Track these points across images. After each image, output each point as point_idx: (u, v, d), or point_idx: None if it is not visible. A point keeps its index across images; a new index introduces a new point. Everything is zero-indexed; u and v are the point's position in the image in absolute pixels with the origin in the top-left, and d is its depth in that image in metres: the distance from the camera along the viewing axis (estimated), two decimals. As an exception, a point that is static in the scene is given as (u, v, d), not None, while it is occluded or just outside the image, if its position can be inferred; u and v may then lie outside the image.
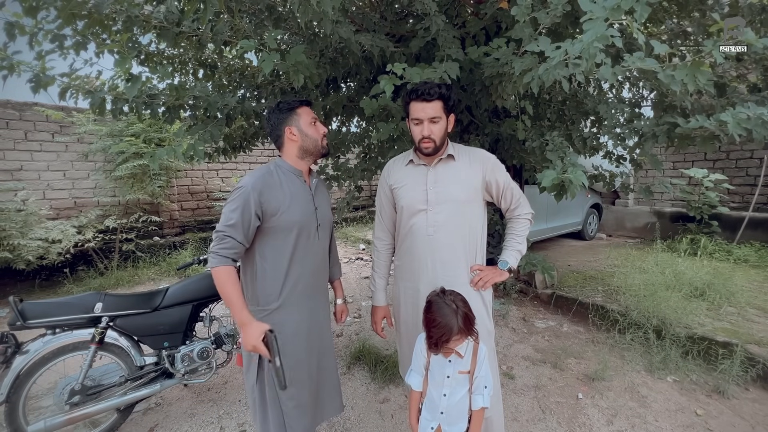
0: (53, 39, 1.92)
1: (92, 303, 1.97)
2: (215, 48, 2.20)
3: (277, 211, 1.37)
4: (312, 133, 1.47)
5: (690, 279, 3.48)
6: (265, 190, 1.36)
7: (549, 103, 2.85)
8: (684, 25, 2.40)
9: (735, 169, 5.56)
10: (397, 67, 1.75)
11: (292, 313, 1.43)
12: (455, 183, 1.48)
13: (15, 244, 4.09)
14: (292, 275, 1.42)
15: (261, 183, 1.36)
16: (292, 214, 1.39)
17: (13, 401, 1.81)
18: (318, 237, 1.50)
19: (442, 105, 1.40)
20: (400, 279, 1.62)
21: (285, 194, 1.40)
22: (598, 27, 1.12)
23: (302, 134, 1.45)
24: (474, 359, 1.30)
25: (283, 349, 1.34)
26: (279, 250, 1.40)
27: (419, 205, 1.49)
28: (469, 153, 1.54)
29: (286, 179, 1.44)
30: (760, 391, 2.34)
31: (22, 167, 5.03)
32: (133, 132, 5.27)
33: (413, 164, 1.54)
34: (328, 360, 1.58)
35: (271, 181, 1.40)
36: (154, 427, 2.17)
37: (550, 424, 2.11)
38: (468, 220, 1.50)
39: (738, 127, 1.46)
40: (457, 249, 1.49)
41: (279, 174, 1.44)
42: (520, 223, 1.59)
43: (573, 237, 6.26)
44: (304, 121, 1.45)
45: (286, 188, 1.42)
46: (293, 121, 1.45)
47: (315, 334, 1.51)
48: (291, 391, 1.41)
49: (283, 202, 1.38)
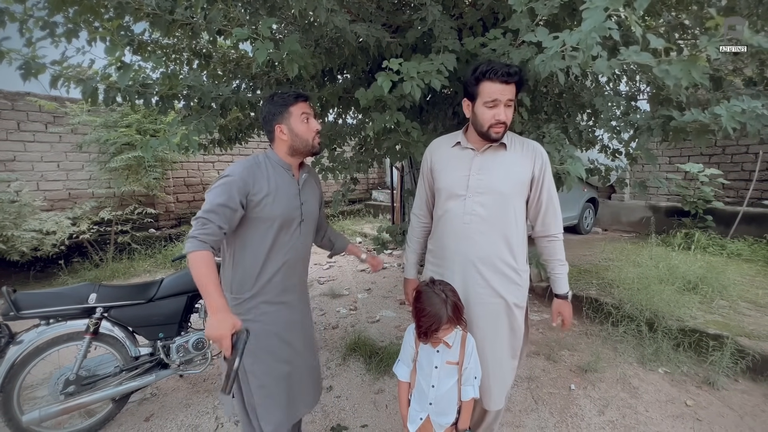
0: (44, 26, 1.89)
1: (86, 294, 1.97)
2: (209, 37, 2.17)
3: (261, 202, 1.36)
4: (302, 132, 1.43)
5: (683, 273, 3.51)
6: (251, 180, 1.35)
7: (546, 95, 2.84)
8: (681, 18, 2.38)
9: (730, 164, 5.58)
10: (393, 63, 1.72)
11: (265, 303, 1.42)
12: (501, 173, 1.39)
13: (9, 236, 4.06)
14: (268, 267, 1.41)
15: (248, 173, 1.35)
16: (275, 207, 1.38)
17: (7, 391, 1.81)
18: (300, 232, 1.48)
19: (515, 89, 1.33)
20: (431, 264, 1.56)
21: (270, 186, 1.39)
22: (597, 16, 1.10)
23: (292, 134, 1.43)
24: (462, 349, 1.31)
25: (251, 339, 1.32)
26: (258, 241, 1.39)
27: (458, 190, 1.42)
28: (522, 143, 1.45)
29: (274, 171, 1.43)
30: (749, 382, 2.38)
31: (15, 158, 4.97)
32: (128, 123, 5.21)
33: (460, 146, 1.46)
34: (305, 355, 1.55)
35: (258, 171, 1.39)
36: (150, 416, 2.18)
37: (542, 414, 2.14)
38: (511, 216, 1.40)
39: (732, 121, 1.46)
40: (493, 243, 1.40)
41: (267, 165, 1.43)
42: (559, 245, 1.49)
43: (569, 231, 6.29)
44: (296, 120, 1.42)
45: (272, 180, 1.41)
46: (284, 119, 1.42)
47: (288, 327, 1.48)
48: (261, 380, 1.41)
49: (268, 193, 1.37)
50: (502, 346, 1.46)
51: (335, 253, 1.90)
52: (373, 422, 2.10)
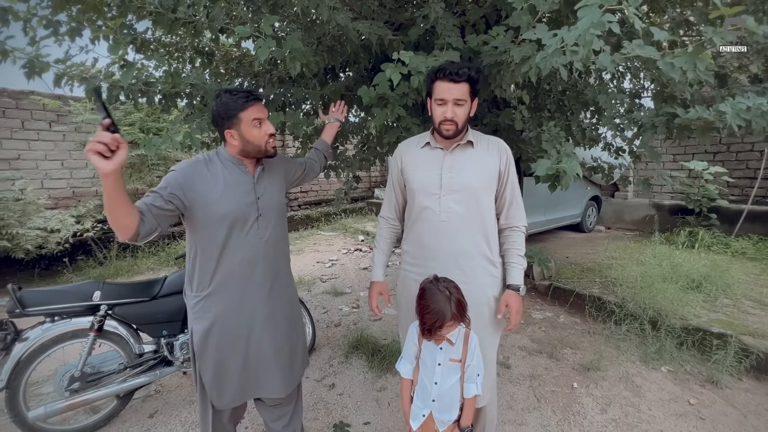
0: (47, 25, 1.90)
1: (91, 291, 1.98)
2: (212, 35, 2.18)
3: (204, 201, 1.33)
4: (254, 138, 1.38)
5: (687, 271, 3.50)
6: (190, 179, 1.32)
7: (549, 93, 2.83)
8: (686, 14, 2.37)
9: (735, 162, 5.54)
10: (404, 55, 1.72)
11: (222, 299, 1.41)
12: (472, 170, 1.44)
13: (14, 234, 4.09)
14: (223, 265, 1.38)
15: (190, 170, 1.33)
16: (223, 205, 1.35)
17: (13, 387, 1.83)
18: (258, 227, 1.43)
19: (469, 88, 1.35)
20: (409, 265, 1.57)
21: (217, 184, 1.36)
22: (592, 13, 1.10)
23: (243, 140, 1.37)
24: (465, 346, 1.31)
25: (209, 329, 1.39)
26: (210, 239, 1.37)
27: (432, 189, 1.44)
28: (488, 140, 1.50)
29: (224, 168, 1.39)
30: (753, 381, 2.36)
31: (20, 156, 5.00)
32: (131, 121, 5.23)
33: (429, 147, 1.49)
34: (265, 349, 1.49)
35: (202, 169, 1.36)
36: (154, 413, 2.20)
37: (544, 412, 2.14)
38: (483, 209, 1.46)
39: (737, 118, 1.46)
40: (472, 238, 1.45)
41: (216, 163, 1.40)
42: (521, 237, 1.52)
43: (572, 229, 6.27)
44: (246, 125, 1.36)
45: (220, 178, 1.37)
46: (233, 125, 1.36)
47: (245, 320, 1.44)
48: (209, 362, 1.42)
49: (212, 192, 1.34)
50: (485, 340, 1.47)
51: (329, 158, 1.95)
52: (376, 419, 2.11)
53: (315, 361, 2.71)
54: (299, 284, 4.38)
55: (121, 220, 1.15)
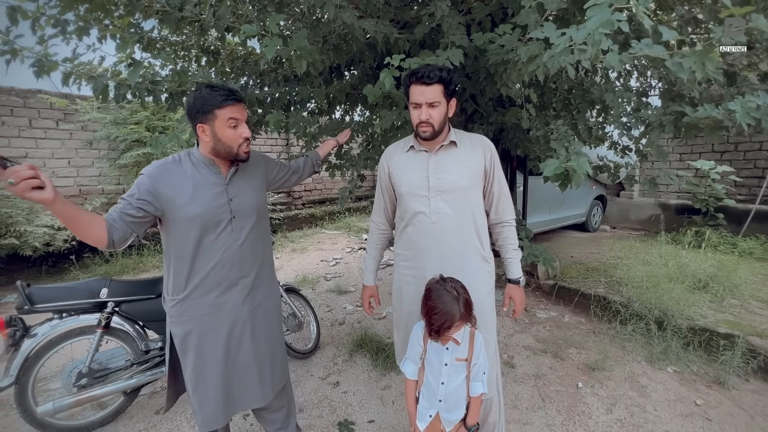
0: (55, 24, 1.91)
1: (98, 288, 2.00)
2: (218, 34, 2.18)
3: (173, 204, 1.28)
4: (227, 138, 1.31)
5: (693, 271, 3.47)
6: (158, 182, 1.27)
7: (555, 91, 2.81)
8: (695, 12, 2.34)
9: (743, 161, 5.48)
10: (395, 59, 1.73)
11: (199, 303, 1.38)
12: (458, 170, 1.46)
13: (21, 231, 4.14)
14: (197, 268, 1.35)
15: (157, 172, 1.29)
16: (192, 208, 1.30)
17: (22, 383, 1.85)
18: (231, 229, 1.38)
19: (442, 89, 1.37)
20: (403, 267, 1.59)
21: (187, 186, 1.31)
22: (602, 12, 1.09)
23: (215, 138, 1.31)
24: (471, 346, 1.31)
25: (188, 333, 1.37)
26: (182, 243, 1.33)
27: (420, 191, 1.47)
28: (471, 139, 1.53)
29: (194, 169, 1.34)
30: (760, 382, 2.34)
31: (27, 155, 5.05)
32: (137, 120, 5.27)
33: (414, 150, 1.52)
34: (244, 353, 1.47)
35: (172, 170, 1.31)
36: (160, 410, 2.21)
37: (549, 411, 2.14)
38: (473, 207, 1.48)
39: (747, 117, 1.44)
40: (465, 236, 1.48)
41: (187, 163, 1.34)
42: (512, 231, 1.58)
43: (577, 228, 6.24)
44: (221, 123, 1.29)
45: (189, 180, 1.32)
46: (207, 119, 1.29)
47: (223, 323, 1.41)
48: (188, 373, 1.42)
49: (181, 195, 1.29)
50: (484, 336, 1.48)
51: (317, 169, 1.90)
52: (380, 418, 2.11)
53: (319, 359, 2.72)
54: (303, 283, 4.40)
55: (88, 235, 1.17)
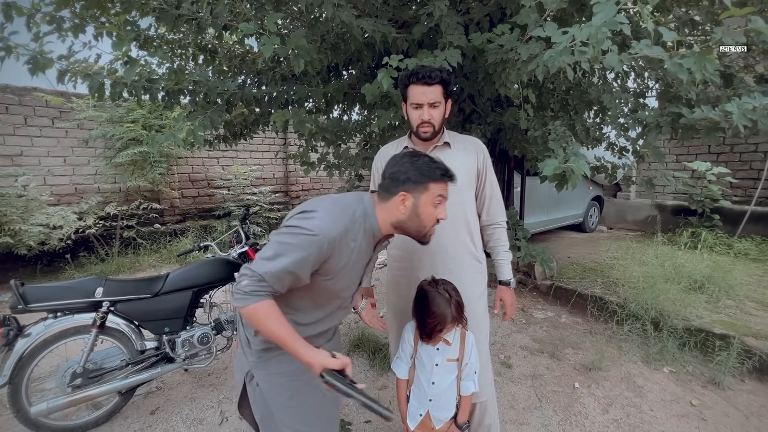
0: (51, 21, 1.89)
1: (93, 288, 1.98)
2: (215, 32, 2.17)
3: (330, 274, 1.10)
4: (426, 215, 1.13)
5: (689, 272, 3.48)
6: (337, 246, 1.05)
7: (553, 92, 2.82)
8: (692, 14, 2.35)
9: (739, 163, 5.51)
10: (393, 59, 1.72)
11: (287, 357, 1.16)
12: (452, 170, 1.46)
13: (16, 230, 4.10)
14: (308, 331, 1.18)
15: (340, 237, 1.05)
16: (340, 281, 1.13)
17: (15, 383, 1.83)
18: (352, 299, 1.27)
19: (442, 89, 1.38)
20: (396, 267, 1.61)
21: (349, 257, 1.10)
22: (608, 10, 1.09)
23: (413, 213, 1.12)
24: (462, 346, 1.31)
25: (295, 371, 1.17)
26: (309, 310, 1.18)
27: None
28: (464, 140, 1.54)
29: (362, 237, 1.12)
30: (755, 382, 2.36)
31: (23, 153, 5.01)
32: (134, 118, 5.23)
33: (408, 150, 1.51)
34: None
35: (348, 237, 1.08)
36: (156, 410, 2.20)
37: (546, 412, 2.14)
38: (465, 208, 1.49)
39: (743, 118, 1.45)
40: (458, 237, 1.49)
41: (360, 228, 1.11)
42: (503, 233, 1.60)
43: (574, 229, 6.25)
44: (428, 199, 1.12)
45: (354, 250, 1.10)
46: (416, 190, 1.10)
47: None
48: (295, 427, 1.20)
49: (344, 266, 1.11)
50: (477, 336, 1.48)
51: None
52: (377, 418, 2.10)
53: (316, 359, 2.71)
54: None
55: None
